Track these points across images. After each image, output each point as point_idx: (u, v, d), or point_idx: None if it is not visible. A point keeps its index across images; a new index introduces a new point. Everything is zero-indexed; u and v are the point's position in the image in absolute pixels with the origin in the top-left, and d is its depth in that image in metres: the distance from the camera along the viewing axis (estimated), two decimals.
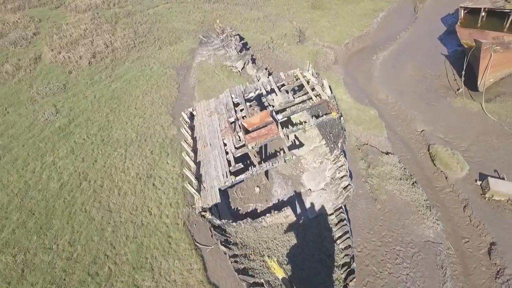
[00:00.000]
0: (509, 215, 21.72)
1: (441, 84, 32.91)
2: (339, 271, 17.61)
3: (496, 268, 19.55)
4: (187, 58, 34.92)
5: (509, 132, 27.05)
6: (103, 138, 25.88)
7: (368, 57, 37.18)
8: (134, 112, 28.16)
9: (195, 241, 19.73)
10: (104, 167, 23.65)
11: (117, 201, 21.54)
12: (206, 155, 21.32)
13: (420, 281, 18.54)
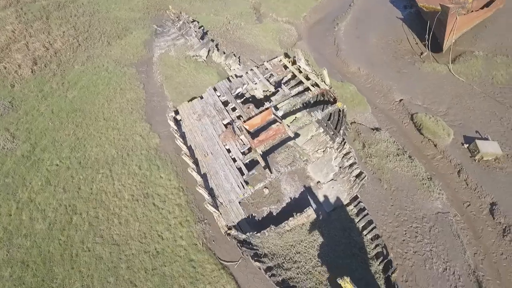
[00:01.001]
0: (501, 174, 23.33)
1: (405, 49, 33.79)
2: (376, 263, 17.86)
3: (502, 226, 21.06)
4: (144, 52, 32.18)
5: (479, 92, 28.67)
6: (79, 160, 23.31)
7: (329, 28, 36.94)
8: (105, 124, 25.61)
9: (220, 260, 18.86)
10: (92, 194, 21.46)
11: (120, 231, 19.79)
12: (211, 165, 20.11)
13: (444, 254, 19.48)
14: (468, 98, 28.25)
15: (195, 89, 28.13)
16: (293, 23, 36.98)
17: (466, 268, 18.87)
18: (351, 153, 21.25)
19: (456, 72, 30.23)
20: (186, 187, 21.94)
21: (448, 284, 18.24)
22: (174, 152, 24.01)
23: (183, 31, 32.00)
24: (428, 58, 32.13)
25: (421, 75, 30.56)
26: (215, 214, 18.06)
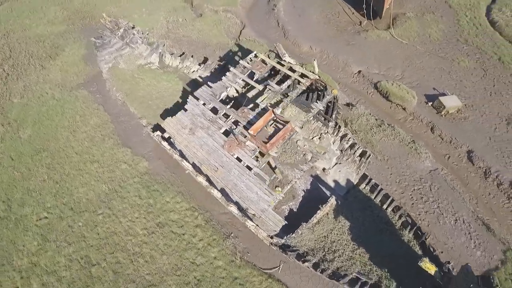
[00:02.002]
0: (466, 123, 26.39)
1: (345, 21, 35.55)
2: (406, 233, 19.53)
3: (482, 170, 24.11)
4: (88, 70, 29.66)
5: (422, 51, 31.57)
6: (69, 206, 21.39)
7: (267, 10, 37.17)
8: (80, 159, 23.58)
9: (262, 269, 19.10)
10: (102, 239, 20.02)
11: (150, 270, 18.94)
12: (226, 179, 19.88)
13: (450, 208, 21.92)
14: (416, 59, 30.92)
15: (163, 100, 26.95)
16: (231, 11, 36.49)
17: (471, 215, 21.47)
18: (349, 134, 22.39)
19: (398, 35, 32.73)
20: (198, 206, 21.43)
21: (463, 232, 20.67)
22: (168, 172, 23.11)
23: (127, 39, 29.91)
24: (368, 26, 34.18)
25: (369, 44, 32.54)
26: (252, 227, 18.08)
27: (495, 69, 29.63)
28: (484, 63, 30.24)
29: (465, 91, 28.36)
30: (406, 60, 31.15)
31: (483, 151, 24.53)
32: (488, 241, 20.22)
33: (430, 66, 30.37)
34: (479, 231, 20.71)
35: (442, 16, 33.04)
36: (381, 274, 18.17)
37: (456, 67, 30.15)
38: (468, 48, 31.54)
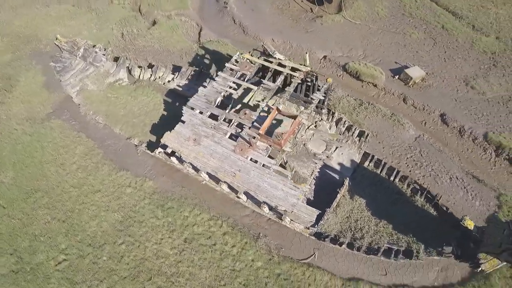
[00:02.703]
0: (432, 89, 29.16)
1: (298, 10, 37.00)
2: (418, 198, 21.59)
3: (457, 129, 26.96)
4: (53, 97, 28.16)
5: (375, 29, 34.06)
6: (85, 242, 20.66)
7: (219, 9, 37.38)
8: (79, 192, 22.73)
9: (301, 260, 20.08)
10: (134, 268, 19.78)
11: (194, 286, 19.12)
12: (246, 182, 20.37)
13: (442, 167, 24.38)
14: (372, 37, 33.30)
15: (147, 116, 26.52)
16: (184, 14, 36.22)
17: (461, 171, 24.12)
18: (343, 117, 23.89)
19: (350, 17, 34.88)
20: (218, 214, 21.74)
21: (459, 188, 23.20)
22: (177, 186, 23.08)
23: (90, 59, 28.65)
24: (320, 12, 35.95)
25: (326, 29, 34.32)
26: (287, 223, 18.91)
27: (442, 37, 32.87)
28: (431, 32, 33.39)
29: (423, 61, 31.20)
30: (364, 40, 33.36)
31: (453, 112, 27.34)
32: (481, 191, 22.89)
33: (386, 42, 32.87)
34: (472, 184, 23.34)
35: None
36: (408, 240, 19.99)
37: (409, 39, 32.95)
38: (414, 20, 34.59)
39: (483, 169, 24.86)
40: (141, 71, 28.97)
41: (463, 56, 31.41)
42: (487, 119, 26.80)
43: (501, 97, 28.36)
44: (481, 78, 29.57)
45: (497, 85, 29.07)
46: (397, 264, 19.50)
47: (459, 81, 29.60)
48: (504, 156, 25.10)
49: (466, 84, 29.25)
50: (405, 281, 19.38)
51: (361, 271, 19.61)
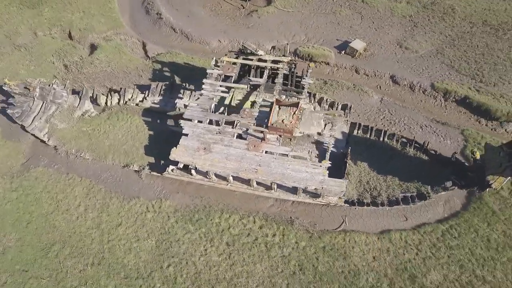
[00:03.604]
0: (375, 57, 33.23)
1: (230, 9, 38.81)
2: (408, 149, 25.16)
3: (407, 86, 31.26)
4: (21, 146, 26.80)
5: (308, 13, 37.28)
6: (133, 276, 20.59)
7: (153, 20, 37.39)
8: (99, 231, 22.60)
9: (336, 229, 22.41)
10: (192, 284, 20.44)
11: (255, 281, 20.60)
12: (270, 174, 21.92)
13: (411, 120, 28.48)
14: (308, 21, 36.50)
15: (135, 140, 26.67)
16: (120, 32, 35.65)
17: (426, 119, 28.30)
18: (324, 96, 26.56)
19: (282, 6, 37.63)
20: (246, 211, 23.07)
21: (430, 133, 27.31)
22: (196, 198, 23.86)
23: (49, 97, 27.23)
24: (251, 7, 38.04)
25: (264, 22, 36.66)
26: (322, 201, 21.08)
27: (365, 10, 37.22)
28: (355, 8, 37.59)
29: (359, 34, 35.19)
30: (301, 25, 36.39)
31: (400, 72, 31.62)
32: (448, 131, 27.29)
33: (322, 23, 36.30)
34: (438, 127, 27.68)
35: None
36: (415, 185, 23.44)
37: (340, 17, 36.76)
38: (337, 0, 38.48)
39: (439, 113, 29.45)
40: (107, 97, 28.32)
41: (388, 23, 36.04)
42: (428, 72, 31.53)
43: (430, 51, 33.37)
44: (410, 39, 34.40)
45: (424, 42, 34.08)
46: (412, 208, 22.79)
47: (394, 45, 34.08)
48: (451, 99, 29.90)
49: (400, 47, 33.83)
50: (423, 220, 22.78)
51: (387, 223, 22.60)
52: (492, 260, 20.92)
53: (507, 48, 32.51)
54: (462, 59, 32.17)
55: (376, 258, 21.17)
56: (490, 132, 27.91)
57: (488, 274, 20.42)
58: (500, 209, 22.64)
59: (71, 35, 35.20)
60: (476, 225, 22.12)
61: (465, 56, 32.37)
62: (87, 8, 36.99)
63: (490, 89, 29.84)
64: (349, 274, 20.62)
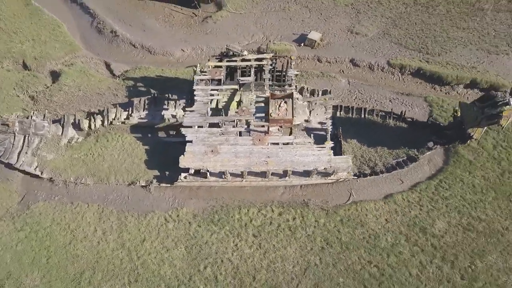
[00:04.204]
0: (332, 45, 36.10)
1: (184, 19, 39.61)
2: (388, 120, 28.13)
3: (367, 66, 34.56)
4: (10, 185, 26.05)
5: (259, 13, 39.26)
6: (173, 285, 21.26)
7: (108, 40, 37.27)
8: (126, 251, 22.92)
9: (346, 203, 24.64)
10: (234, 279, 21.66)
11: (291, 261, 22.05)
12: (280, 163, 23.60)
13: (379, 96, 31.81)
14: (262, 20, 38.50)
15: (133, 156, 26.99)
16: (79, 55, 35.10)
17: (392, 93, 31.58)
18: (305, 86, 28.74)
19: (234, 9, 39.33)
20: (262, 203, 24.61)
21: (399, 104, 30.58)
22: (211, 200, 25.05)
23: (31, 130, 26.44)
24: (203, 14, 39.19)
25: (221, 26, 38.10)
26: (334, 179, 23.22)
27: (311, 4, 39.88)
28: (301, 2, 40.13)
29: (311, 26, 37.79)
30: (257, 24, 38.31)
31: (357, 55, 34.69)
32: (413, 100, 30.75)
33: (276, 20, 38.44)
34: (405, 98, 31.13)
35: None
36: (403, 151, 26.41)
37: (290, 13, 39.12)
38: None
39: (400, 87, 32.98)
40: (90, 121, 28.05)
41: (335, 13, 39.04)
42: (381, 52, 34.97)
43: (378, 33, 36.83)
44: (357, 24, 37.67)
45: (370, 26, 37.52)
46: (405, 171, 25.69)
47: (345, 32, 37.16)
48: (407, 73, 33.56)
49: (351, 33, 37.01)
50: (416, 180, 25.84)
51: (387, 188, 25.43)
52: (481, 201, 24.35)
53: (439, 22, 36.70)
54: (407, 36, 35.86)
55: (388, 220, 23.66)
56: (445, 95, 31.84)
57: (481, 213, 23.77)
58: (474, 159, 26.26)
59: (26, 65, 33.85)
60: (460, 175, 25.50)
61: (408, 34, 36.11)
62: (36, 35, 35.77)
63: (436, 59, 33.75)
64: (370, 239, 22.88)
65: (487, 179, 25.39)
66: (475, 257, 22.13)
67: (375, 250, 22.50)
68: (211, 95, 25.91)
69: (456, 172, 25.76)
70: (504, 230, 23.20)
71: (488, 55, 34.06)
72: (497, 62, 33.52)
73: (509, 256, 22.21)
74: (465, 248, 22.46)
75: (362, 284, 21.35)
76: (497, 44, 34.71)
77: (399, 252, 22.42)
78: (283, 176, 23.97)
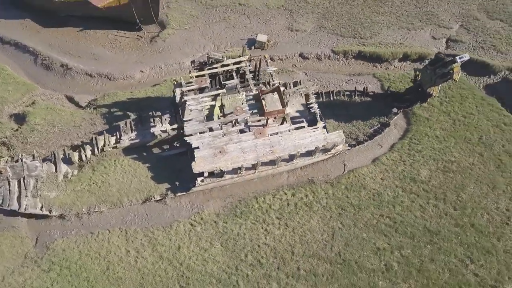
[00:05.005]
0: (280, 43, 39.65)
1: (130, 41, 40.17)
2: (355, 98, 32.32)
3: (315, 58, 38.80)
4: (18, 232, 25.07)
5: (203, 25, 41.52)
6: (225, 277, 22.84)
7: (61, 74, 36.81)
8: (167, 261, 24.15)
9: (344, 173, 28.12)
10: (276, 258, 23.65)
11: (320, 234, 24.85)
12: (284, 150, 26.21)
13: (336, 80, 35.77)
14: (208, 31, 40.76)
15: (139, 175, 27.93)
16: (38, 93, 34.33)
17: (346, 76, 35.99)
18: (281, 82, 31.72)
19: (179, 26, 41.12)
20: (273, 189, 27.06)
21: (355, 84, 35.02)
22: (229, 197, 27.50)
23: (24, 173, 25.80)
24: (148, 35, 40.39)
25: (171, 43, 39.47)
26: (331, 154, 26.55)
27: (247, 10, 42.69)
28: (238, 11, 43.03)
29: (255, 30, 40.94)
30: (205, 36, 40.49)
31: (304, 49, 38.68)
32: (367, 79, 35.32)
33: (221, 30, 40.96)
34: (357, 78, 35.62)
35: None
36: (375, 120, 30.72)
37: (232, 21, 41.86)
38: (219, 9, 43.19)
39: (348, 70, 37.55)
40: (80, 153, 28.06)
41: (271, 16, 42.53)
42: (323, 43, 39.28)
43: (314, 28, 40.90)
44: (294, 23, 41.60)
45: (306, 23, 41.58)
46: (381, 137, 29.88)
47: (286, 31, 40.91)
48: (350, 57, 38.30)
49: (291, 31, 40.86)
50: (391, 142, 30.18)
51: (372, 154, 29.67)
52: (447, 147, 29.40)
53: (361, 11, 42.07)
54: (340, 27, 40.60)
55: (383, 178, 27.61)
56: (386, 70, 37.05)
57: (450, 157, 28.77)
58: (429, 115, 31.43)
59: None
60: (424, 131, 30.40)
61: (339, 24, 40.87)
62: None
63: (370, 41, 38.96)
64: (374, 197, 26.56)
65: (445, 129, 30.55)
66: (458, 191, 26.86)
67: (382, 205, 26.15)
68: (203, 102, 27.55)
69: (419, 129, 30.56)
70: (471, 165, 28.33)
71: (408, 31, 40.07)
72: (417, 36, 39.67)
73: (481, 185, 27.27)
74: (449, 186, 27.11)
75: (383, 233, 24.82)
76: (412, 22, 40.95)
77: (401, 201, 26.35)
78: (290, 160, 26.54)
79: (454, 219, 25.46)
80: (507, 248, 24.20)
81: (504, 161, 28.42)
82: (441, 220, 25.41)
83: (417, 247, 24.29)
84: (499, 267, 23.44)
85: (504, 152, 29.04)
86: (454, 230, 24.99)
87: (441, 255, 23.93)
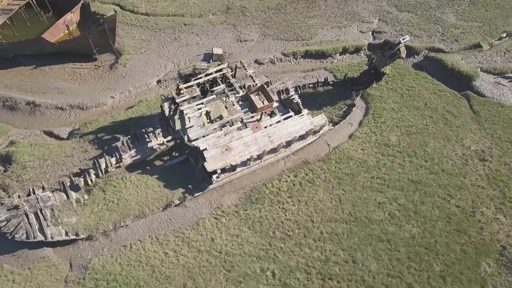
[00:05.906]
0: (235, 54, 43.59)
1: (90, 70, 41.14)
2: (320, 88, 37.08)
3: (269, 61, 43.25)
4: (51, 259, 25.43)
5: (157, 47, 43.90)
6: (261, 255, 25.61)
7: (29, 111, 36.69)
8: (205, 254, 25.86)
9: (330, 152, 32.49)
10: (300, 230, 26.99)
11: (325, 203, 28.73)
12: (282, 138, 29.75)
13: (295, 77, 40.48)
14: (165, 52, 43.12)
15: (153, 186, 29.48)
16: (14, 134, 33.91)
17: (301, 72, 40.79)
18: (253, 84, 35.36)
19: (134, 51, 42.89)
20: (278, 174, 30.38)
21: (311, 76, 39.97)
22: (239, 189, 29.86)
23: (39, 204, 26.03)
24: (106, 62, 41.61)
25: (132, 67, 41.14)
26: (320, 135, 30.69)
27: (194, 28, 46.09)
28: (186, 31, 45.89)
29: (208, 45, 44.16)
30: (163, 57, 42.79)
31: (257, 56, 42.73)
32: (319, 72, 40.43)
33: (176, 49, 43.62)
34: (311, 74, 40.54)
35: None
36: (342, 103, 35.60)
37: (183, 40, 44.67)
38: (167, 31, 45.67)
39: (300, 68, 42.39)
40: (85, 178, 28.87)
41: (218, 31, 45.97)
42: (272, 48, 43.78)
43: (260, 36, 45.25)
44: (241, 34, 45.61)
45: (251, 33, 45.78)
46: (350, 117, 34.81)
47: (237, 42, 44.68)
48: (299, 57, 43.24)
49: (241, 41, 44.79)
50: (358, 119, 35.26)
51: (346, 131, 34.54)
52: (403, 116, 35.34)
53: (295, 18, 47.47)
54: (282, 33, 45.54)
55: (363, 148, 32.40)
56: (332, 63, 42.53)
57: (408, 122, 34.58)
58: (381, 93, 37.18)
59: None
60: (381, 106, 36.01)
61: (280, 31, 45.83)
62: None
63: (310, 42, 44.37)
64: (361, 164, 31.26)
65: (397, 102, 36.45)
66: (423, 147, 32.54)
67: (370, 169, 30.87)
68: (198, 109, 30.01)
69: (377, 105, 36.09)
70: (426, 126, 34.35)
71: (339, 29, 46.25)
72: (347, 32, 45.97)
73: (438, 139, 33.25)
74: (416, 145, 32.70)
75: (378, 191, 29.43)
76: (340, 21, 47.34)
77: (383, 164, 31.27)
78: (287, 146, 30.06)
79: (428, 169, 30.87)
80: (472, 182, 30.08)
81: (449, 119, 34.86)
82: (418, 172, 30.65)
83: (408, 196, 29.17)
84: (472, 197, 29.13)
85: (446, 112, 35.55)
86: (431, 177, 30.35)
87: (428, 197, 29.05)
